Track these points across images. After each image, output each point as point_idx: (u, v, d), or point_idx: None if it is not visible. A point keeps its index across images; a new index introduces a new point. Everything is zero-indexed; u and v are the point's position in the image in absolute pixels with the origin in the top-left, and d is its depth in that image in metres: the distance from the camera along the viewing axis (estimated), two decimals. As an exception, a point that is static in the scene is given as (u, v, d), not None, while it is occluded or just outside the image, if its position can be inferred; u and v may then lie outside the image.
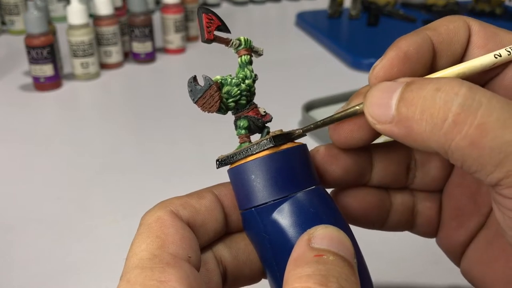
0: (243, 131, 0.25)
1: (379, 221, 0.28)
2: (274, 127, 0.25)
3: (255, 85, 0.25)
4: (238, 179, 0.23)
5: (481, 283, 0.27)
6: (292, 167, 0.23)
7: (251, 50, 0.25)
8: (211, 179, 0.28)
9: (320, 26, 0.95)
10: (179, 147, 0.57)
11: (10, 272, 0.39)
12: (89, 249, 0.42)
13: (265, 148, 0.23)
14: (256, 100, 0.25)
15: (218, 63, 0.59)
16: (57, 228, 0.44)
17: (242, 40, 0.25)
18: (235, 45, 0.25)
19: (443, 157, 0.27)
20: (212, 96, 0.23)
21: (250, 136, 0.25)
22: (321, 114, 0.61)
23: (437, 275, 0.39)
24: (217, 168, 0.24)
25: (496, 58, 0.23)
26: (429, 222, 0.29)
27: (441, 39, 0.24)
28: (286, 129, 0.25)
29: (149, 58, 0.81)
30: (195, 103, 0.23)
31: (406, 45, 0.23)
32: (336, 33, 0.94)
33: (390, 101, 0.21)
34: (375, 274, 0.39)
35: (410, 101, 0.20)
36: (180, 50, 0.85)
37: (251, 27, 1.04)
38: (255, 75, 0.25)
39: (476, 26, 0.24)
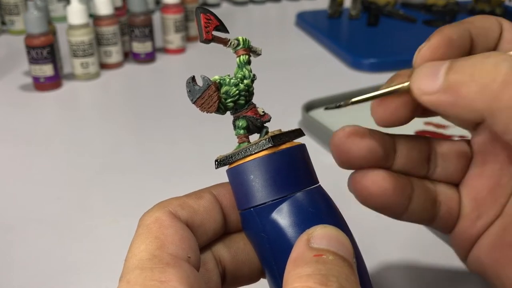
0: (241, 131, 0.25)
1: (399, 208, 0.28)
2: (274, 127, 0.25)
3: (254, 85, 0.25)
4: (237, 179, 0.23)
5: (491, 268, 0.27)
6: (291, 167, 0.23)
7: (250, 50, 0.25)
8: (211, 179, 0.28)
9: (320, 26, 0.95)
10: (179, 147, 0.58)
11: (10, 272, 0.39)
12: (89, 249, 0.42)
13: (264, 148, 0.23)
14: (256, 100, 0.25)
15: (218, 63, 0.58)
16: (57, 228, 0.44)
17: (241, 40, 0.25)
18: (233, 45, 0.25)
19: (462, 148, 0.27)
20: (210, 97, 0.23)
21: (249, 136, 0.25)
22: (321, 114, 0.61)
23: (437, 275, 0.39)
24: (216, 168, 0.24)
25: None
26: (449, 214, 0.29)
27: (478, 32, 0.25)
28: (285, 129, 0.25)
29: (149, 58, 0.81)
30: (193, 103, 0.23)
31: (450, 32, 0.25)
32: (336, 33, 0.94)
33: (438, 72, 0.22)
34: (373, 273, 0.39)
35: (460, 67, 0.21)
36: (180, 50, 0.85)
37: (251, 27, 1.04)
38: (254, 75, 0.25)
39: (507, 24, 0.26)
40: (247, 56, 0.25)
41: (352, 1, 0.98)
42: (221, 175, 0.26)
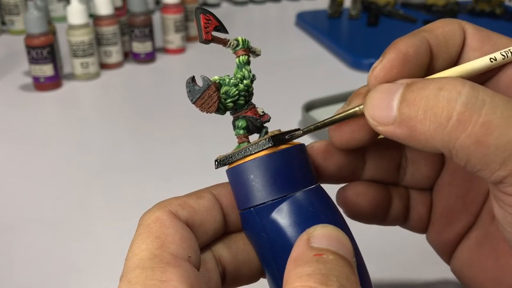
0: (241, 131, 0.25)
1: (382, 216, 0.29)
2: (274, 127, 0.25)
3: (254, 85, 0.25)
4: (237, 179, 0.23)
5: (472, 282, 0.27)
6: (291, 167, 0.23)
7: (249, 51, 0.25)
8: (211, 179, 0.28)
9: (320, 26, 0.95)
10: (179, 147, 0.58)
11: (10, 272, 0.39)
12: (89, 249, 0.42)
13: (264, 148, 0.23)
14: (256, 100, 0.25)
15: (218, 63, 0.59)
16: (57, 228, 0.44)
17: (240, 40, 0.25)
18: (233, 45, 0.25)
19: (433, 155, 0.27)
20: (210, 97, 0.23)
21: (249, 136, 0.25)
22: (321, 114, 0.61)
23: (437, 275, 0.39)
24: (215, 168, 0.24)
25: (491, 61, 0.23)
26: (420, 218, 0.29)
27: (438, 42, 0.24)
28: (285, 129, 0.25)
29: (149, 58, 0.81)
30: (193, 103, 0.23)
31: (405, 47, 0.24)
32: (336, 33, 0.94)
33: (391, 102, 0.21)
34: (375, 274, 0.39)
35: (412, 101, 0.20)
36: (180, 50, 0.85)
37: (251, 27, 1.04)
38: (253, 75, 0.25)
39: (471, 29, 0.24)
40: (246, 57, 0.25)
41: (352, 1, 0.98)
42: (221, 175, 0.26)
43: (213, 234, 0.24)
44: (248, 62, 0.25)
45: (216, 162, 0.24)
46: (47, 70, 0.69)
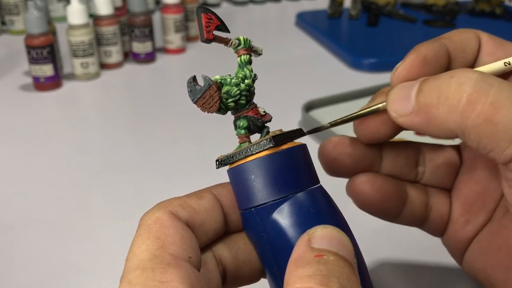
0: (242, 131, 0.25)
1: (395, 211, 0.29)
2: (274, 127, 0.25)
3: (255, 85, 0.25)
4: (238, 179, 0.23)
5: (483, 272, 0.27)
6: (292, 167, 0.23)
7: (251, 50, 0.25)
8: (211, 179, 0.28)
9: (320, 26, 0.95)
10: (179, 147, 0.58)
11: (10, 272, 0.39)
12: (89, 249, 0.42)
13: (265, 148, 0.23)
14: (256, 100, 0.25)
15: (218, 63, 0.59)
16: (57, 228, 0.44)
17: (241, 39, 0.25)
18: (234, 44, 0.25)
19: (451, 154, 0.28)
20: (211, 96, 0.23)
21: (250, 136, 0.25)
22: (321, 114, 0.61)
23: (437, 275, 0.39)
24: (216, 168, 0.24)
25: (506, 65, 0.25)
26: (440, 218, 0.29)
27: (455, 47, 0.26)
28: (286, 129, 0.25)
29: (149, 58, 0.81)
30: (194, 103, 0.23)
31: (426, 50, 0.25)
32: (336, 33, 0.94)
33: (410, 95, 0.23)
34: (373, 273, 0.39)
35: (427, 90, 0.22)
36: (180, 50, 0.85)
37: (251, 27, 1.04)
38: (255, 75, 0.25)
39: (485, 37, 0.27)
40: (248, 56, 0.25)
41: (352, 1, 0.98)
42: (222, 175, 0.26)
43: (214, 234, 0.24)
44: (249, 62, 0.25)
45: (217, 162, 0.24)
46: (47, 70, 0.69)
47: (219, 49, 0.27)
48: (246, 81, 0.24)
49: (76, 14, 0.71)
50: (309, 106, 0.61)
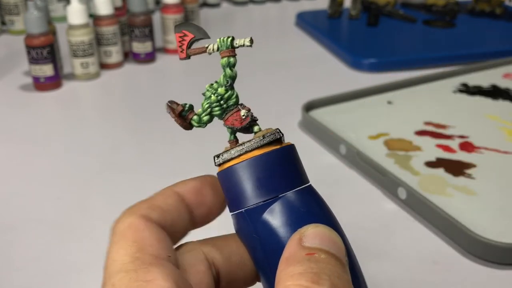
0: (231, 137, 0.25)
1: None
2: (274, 126, 0.25)
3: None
4: (227, 182, 0.23)
5: None
6: (281, 168, 0.23)
7: (234, 49, 0.24)
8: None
9: (320, 26, 0.94)
10: (179, 147, 0.58)
11: (10, 272, 0.39)
12: (89, 249, 0.42)
13: (251, 149, 0.23)
14: (256, 100, 0.25)
15: (218, 63, 0.59)
16: (57, 228, 0.44)
17: (218, 42, 0.24)
18: (213, 50, 0.24)
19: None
20: (178, 120, 0.25)
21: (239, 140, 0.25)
22: (321, 114, 0.61)
23: (437, 275, 0.39)
24: (216, 165, 0.24)
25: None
26: None
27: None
28: (285, 129, 0.25)
29: (149, 58, 0.81)
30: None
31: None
32: (336, 33, 0.94)
33: None
34: (375, 273, 0.39)
35: None
36: (180, 50, 0.85)
37: (251, 27, 1.04)
38: (228, 81, 0.24)
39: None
40: (225, 59, 0.24)
41: (352, 1, 0.98)
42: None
43: (183, 233, 0.24)
44: (228, 64, 0.24)
45: (215, 158, 0.24)
46: (47, 70, 0.69)
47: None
48: (219, 90, 0.24)
49: (76, 14, 0.71)
50: (309, 106, 0.61)
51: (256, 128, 0.24)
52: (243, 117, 0.24)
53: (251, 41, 0.24)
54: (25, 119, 0.64)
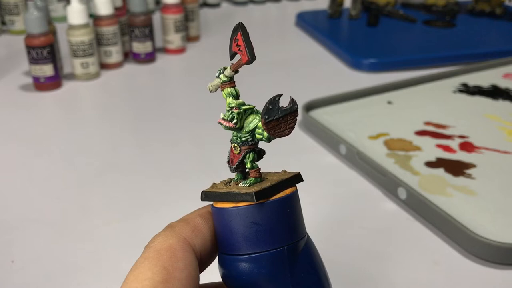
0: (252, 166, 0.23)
1: None
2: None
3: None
4: (218, 220, 0.23)
5: None
6: (273, 222, 0.22)
7: (231, 78, 0.23)
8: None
9: (320, 26, 0.94)
10: (179, 148, 0.58)
11: (10, 272, 0.39)
12: (89, 249, 0.42)
13: (244, 200, 0.22)
14: (256, 101, 0.25)
15: (218, 64, 0.59)
16: (57, 228, 0.44)
17: (221, 77, 0.23)
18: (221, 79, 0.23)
19: None
20: (288, 121, 0.22)
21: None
22: (321, 114, 0.61)
23: (438, 275, 0.39)
24: (201, 200, 0.24)
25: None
26: None
27: None
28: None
29: (149, 58, 0.81)
30: (265, 123, 0.21)
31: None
32: (336, 33, 0.94)
33: None
34: (374, 273, 0.39)
35: None
36: (180, 50, 0.85)
37: (251, 27, 1.04)
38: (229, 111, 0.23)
39: None
40: (227, 89, 0.23)
41: (352, 1, 0.98)
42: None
43: (210, 260, 0.23)
44: (229, 94, 0.23)
45: (202, 194, 0.23)
46: (47, 70, 0.69)
47: (219, 49, 0.27)
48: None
49: (76, 14, 0.71)
50: (309, 106, 0.61)
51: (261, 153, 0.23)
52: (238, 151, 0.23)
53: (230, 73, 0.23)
54: (25, 119, 0.64)
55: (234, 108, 0.22)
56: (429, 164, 0.50)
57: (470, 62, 0.78)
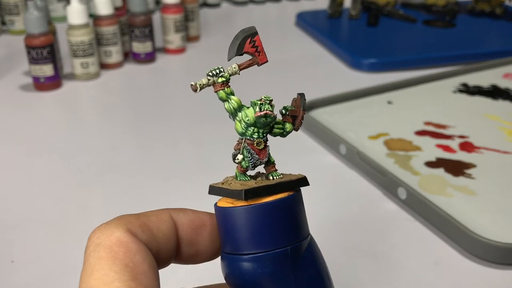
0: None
1: None
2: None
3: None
4: (219, 219, 0.22)
5: None
6: (274, 222, 0.22)
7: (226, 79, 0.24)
8: (210, 179, 0.28)
9: (320, 26, 0.94)
10: (179, 148, 0.58)
11: (10, 272, 0.39)
12: (89, 249, 0.42)
13: (237, 198, 0.22)
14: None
15: (218, 63, 0.59)
16: (57, 228, 0.44)
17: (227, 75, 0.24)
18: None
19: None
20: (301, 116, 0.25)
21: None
22: (321, 114, 0.61)
23: (438, 275, 0.39)
24: (209, 193, 0.24)
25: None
26: None
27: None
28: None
29: (149, 58, 0.81)
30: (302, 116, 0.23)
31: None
32: (336, 33, 0.94)
33: None
34: (374, 273, 0.39)
35: None
36: (180, 50, 0.85)
37: (251, 27, 1.04)
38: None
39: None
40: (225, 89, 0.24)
41: (352, 1, 0.98)
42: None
43: (163, 264, 0.22)
44: (231, 93, 0.24)
45: (210, 188, 0.23)
46: (47, 70, 0.69)
47: (219, 49, 0.27)
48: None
49: (76, 14, 0.71)
50: (309, 106, 0.61)
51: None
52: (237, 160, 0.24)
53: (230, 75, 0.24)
54: (25, 119, 0.64)
55: (271, 101, 0.24)
56: (429, 164, 0.50)
57: (470, 62, 0.78)
